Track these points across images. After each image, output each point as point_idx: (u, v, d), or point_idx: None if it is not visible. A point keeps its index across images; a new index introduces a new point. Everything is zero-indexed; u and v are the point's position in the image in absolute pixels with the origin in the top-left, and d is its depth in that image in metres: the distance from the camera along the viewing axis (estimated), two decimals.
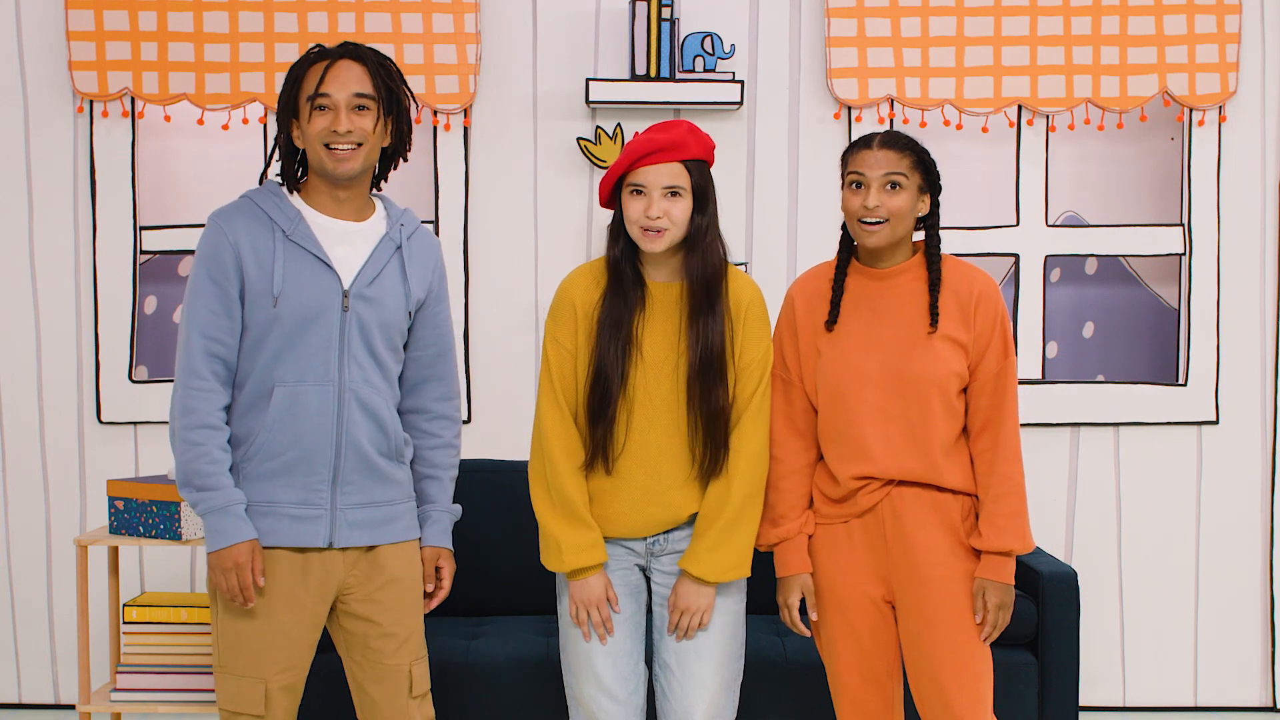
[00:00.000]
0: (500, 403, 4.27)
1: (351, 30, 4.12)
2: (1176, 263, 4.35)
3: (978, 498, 2.73)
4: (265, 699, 2.57)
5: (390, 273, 2.62)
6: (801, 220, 4.27)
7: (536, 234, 4.27)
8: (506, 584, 3.83)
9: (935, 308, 2.67)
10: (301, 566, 2.58)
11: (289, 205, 2.60)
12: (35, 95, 4.21)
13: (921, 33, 4.20)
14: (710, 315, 2.65)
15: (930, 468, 2.68)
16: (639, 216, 2.62)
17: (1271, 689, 4.35)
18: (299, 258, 2.56)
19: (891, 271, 2.73)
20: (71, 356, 4.25)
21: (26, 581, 4.28)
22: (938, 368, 2.66)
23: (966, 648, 2.68)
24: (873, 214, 2.65)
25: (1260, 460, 4.32)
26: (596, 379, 2.65)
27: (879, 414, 2.68)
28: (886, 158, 2.66)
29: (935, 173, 2.72)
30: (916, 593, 2.69)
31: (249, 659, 2.58)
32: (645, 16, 4.09)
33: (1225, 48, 4.18)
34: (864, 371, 2.69)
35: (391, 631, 2.64)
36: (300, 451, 2.55)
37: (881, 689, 2.77)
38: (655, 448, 2.66)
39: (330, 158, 2.55)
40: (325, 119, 2.55)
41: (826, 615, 2.77)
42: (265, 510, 2.56)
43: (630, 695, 2.70)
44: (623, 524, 2.69)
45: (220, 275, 2.54)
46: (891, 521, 2.70)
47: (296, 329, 2.54)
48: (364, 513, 2.61)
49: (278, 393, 2.54)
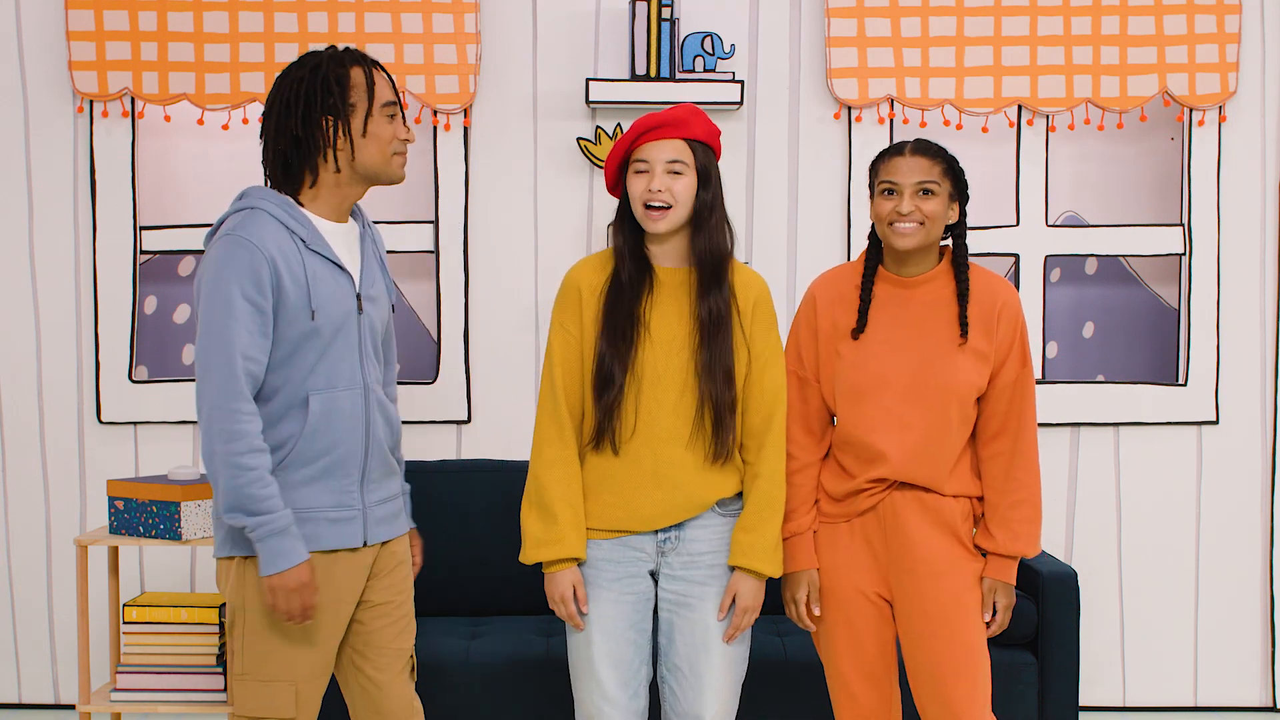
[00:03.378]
0: (500, 403, 4.27)
1: (351, 30, 4.12)
2: (1176, 263, 4.35)
3: (981, 499, 2.74)
4: (296, 700, 2.57)
5: (375, 267, 2.67)
6: (801, 220, 4.27)
7: (536, 234, 4.26)
8: (506, 584, 3.83)
9: (965, 319, 2.68)
10: (341, 569, 2.59)
11: (300, 213, 2.56)
12: (35, 95, 4.21)
13: (921, 33, 4.20)
14: (718, 292, 2.65)
15: (936, 476, 2.69)
16: (642, 193, 2.63)
17: (1271, 689, 4.35)
18: (322, 267, 2.55)
19: (919, 280, 2.73)
20: (71, 356, 4.25)
21: (26, 581, 4.28)
22: (960, 379, 2.67)
23: (966, 646, 2.68)
24: (906, 218, 2.65)
25: (1260, 460, 4.32)
26: (603, 356, 2.64)
27: (897, 422, 2.69)
28: (919, 165, 2.67)
29: (964, 181, 2.73)
30: (916, 591, 2.69)
31: (279, 665, 2.56)
32: (645, 16, 4.09)
33: (1225, 48, 4.18)
34: (886, 377, 2.69)
35: (398, 615, 2.69)
36: (335, 456, 2.55)
37: (879, 687, 2.78)
38: (664, 427, 2.64)
39: (396, 163, 2.60)
40: (397, 127, 2.59)
41: (826, 612, 2.78)
42: (304, 517, 2.54)
43: (630, 700, 2.69)
44: (634, 512, 2.66)
45: (257, 294, 2.45)
46: (891, 521, 2.71)
47: (330, 337, 2.54)
48: (385, 508, 2.66)
49: (314, 401, 2.52)
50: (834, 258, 4.26)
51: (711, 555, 2.70)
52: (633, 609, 2.69)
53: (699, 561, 2.69)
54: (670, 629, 2.71)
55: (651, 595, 2.72)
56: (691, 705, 2.69)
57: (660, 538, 2.69)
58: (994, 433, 2.72)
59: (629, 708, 2.69)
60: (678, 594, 2.69)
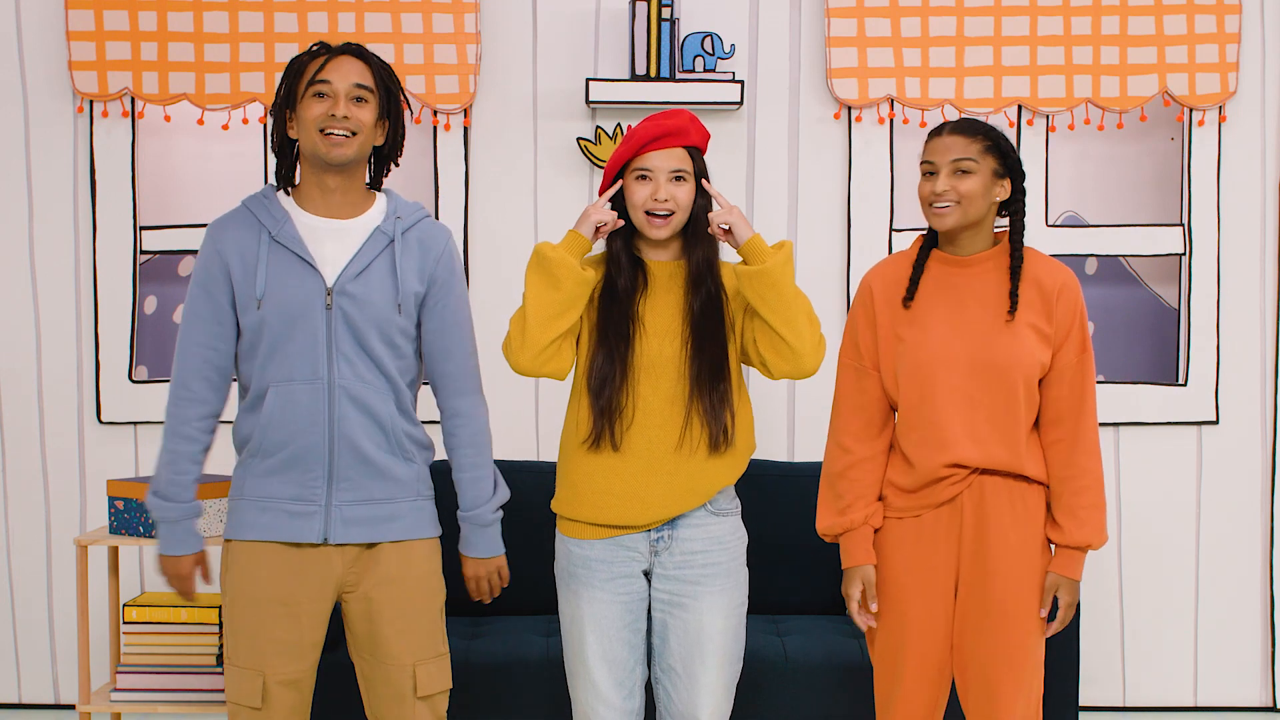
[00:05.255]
0: (500, 403, 4.25)
1: (351, 30, 4.12)
2: (1176, 263, 4.35)
3: (1049, 488, 2.73)
4: (263, 692, 2.58)
5: (379, 267, 2.62)
6: (801, 220, 4.27)
7: (536, 234, 4.26)
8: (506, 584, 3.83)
9: (1015, 294, 2.67)
10: (297, 563, 2.60)
11: (278, 207, 2.63)
12: (35, 95, 4.21)
13: (921, 33, 4.20)
14: (710, 280, 2.68)
15: (1014, 456, 2.67)
16: (645, 200, 2.64)
17: (1271, 689, 4.35)
18: (283, 259, 2.59)
19: (973, 259, 2.73)
20: (71, 356, 4.25)
21: (26, 581, 4.28)
22: (1023, 354, 2.66)
23: (1022, 648, 2.67)
24: (941, 198, 2.66)
25: (1260, 460, 4.32)
26: (599, 358, 2.66)
27: (965, 399, 2.67)
28: (955, 143, 2.67)
29: (1014, 157, 2.71)
30: (982, 585, 2.67)
31: (247, 652, 2.61)
32: (645, 16, 4.09)
33: (1225, 48, 4.18)
34: (949, 356, 2.68)
35: (391, 631, 2.64)
36: (294, 449, 2.58)
37: (932, 687, 2.74)
38: (659, 417, 2.65)
39: (325, 142, 2.57)
40: (324, 105, 2.58)
41: (887, 613, 2.75)
42: (264, 505, 2.61)
43: (625, 700, 2.70)
44: (628, 505, 2.65)
45: (210, 283, 2.61)
46: (971, 513, 2.68)
47: (283, 329, 2.57)
48: (361, 510, 2.62)
49: (270, 393, 2.58)
50: (834, 258, 4.26)
51: (704, 554, 2.70)
52: (626, 609, 2.70)
53: (692, 561, 2.69)
54: (664, 629, 2.71)
55: (645, 595, 2.72)
56: (686, 706, 2.69)
57: (653, 536, 2.69)
58: (1055, 418, 2.70)
59: (624, 708, 2.69)
60: (671, 594, 2.70)
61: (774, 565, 3.78)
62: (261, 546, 2.61)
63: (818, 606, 3.88)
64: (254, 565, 2.61)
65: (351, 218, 2.64)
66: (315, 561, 2.61)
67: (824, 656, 3.49)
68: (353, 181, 2.65)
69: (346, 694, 3.05)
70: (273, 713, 2.60)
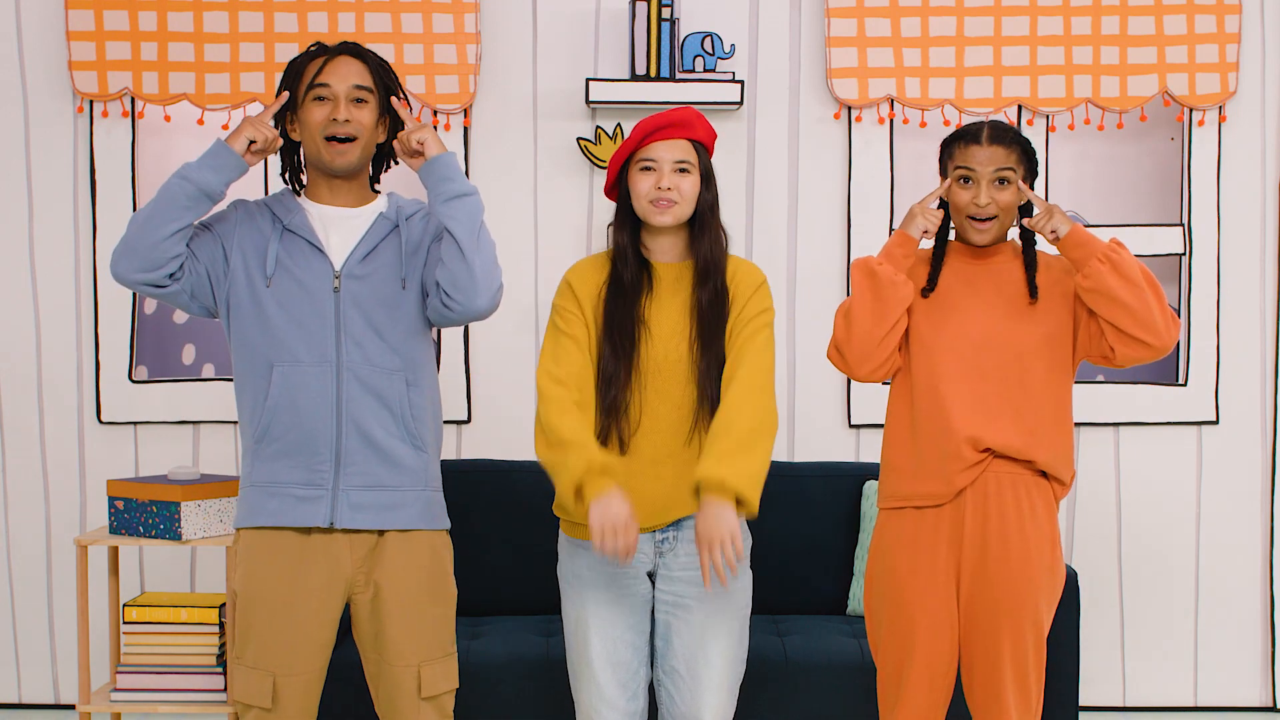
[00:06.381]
0: (500, 403, 4.27)
1: (351, 30, 4.12)
2: (1176, 263, 4.35)
3: (1064, 484, 2.76)
4: (274, 693, 2.58)
5: (386, 248, 2.66)
6: (801, 220, 4.27)
7: (536, 234, 4.26)
8: (506, 584, 3.83)
9: (1034, 282, 2.73)
10: (306, 554, 2.60)
11: (292, 201, 2.68)
12: (35, 95, 4.21)
13: (921, 33, 4.20)
14: (716, 283, 2.67)
15: (1027, 442, 2.69)
16: (649, 190, 2.63)
17: (1271, 689, 4.35)
18: (294, 243, 2.62)
19: (989, 251, 2.79)
20: (71, 356, 4.25)
21: (26, 581, 4.28)
22: (1042, 337, 2.71)
23: (1032, 648, 2.69)
24: (984, 211, 2.71)
25: (1260, 460, 4.32)
26: (606, 357, 2.65)
27: (973, 369, 2.71)
28: (996, 154, 2.70)
29: (1035, 160, 2.77)
30: (986, 578, 2.68)
31: (257, 650, 2.60)
32: (645, 16, 4.09)
33: (1225, 48, 4.18)
34: (961, 332, 2.73)
35: (397, 629, 2.65)
36: (302, 433, 2.58)
37: (936, 689, 2.75)
38: (665, 420, 2.64)
39: (328, 150, 2.60)
40: (324, 109, 2.59)
41: (893, 616, 2.75)
42: (273, 490, 2.61)
43: (628, 702, 2.69)
44: (641, 506, 2.61)
45: (218, 223, 2.65)
46: (980, 501, 2.69)
47: (292, 309, 2.58)
48: (368, 495, 2.62)
49: (276, 372, 2.58)
50: (834, 258, 4.26)
51: None
52: (630, 611, 2.69)
53: (697, 563, 2.68)
54: (668, 631, 2.70)
55: (649, 597, 2.71)
56: (689, 708, 2.68)
57: (659, 538, 2.69)
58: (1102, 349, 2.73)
59: (627, 709, 2.69)
60: (675, 595, 2.69)
61: (774, 565, 3.78)
62: (270, 536, 2.61)
63: (818, 606, 3.88)
64: (263, 561, 2.61)
65: (351, 205, 2.69)
66: (324, 553, 2.61)
67: (824, 656, 3.49)
68: (359, 180, 2.70)
69: (356, 692, 3.04)
70: (283, 713, 2.60)
